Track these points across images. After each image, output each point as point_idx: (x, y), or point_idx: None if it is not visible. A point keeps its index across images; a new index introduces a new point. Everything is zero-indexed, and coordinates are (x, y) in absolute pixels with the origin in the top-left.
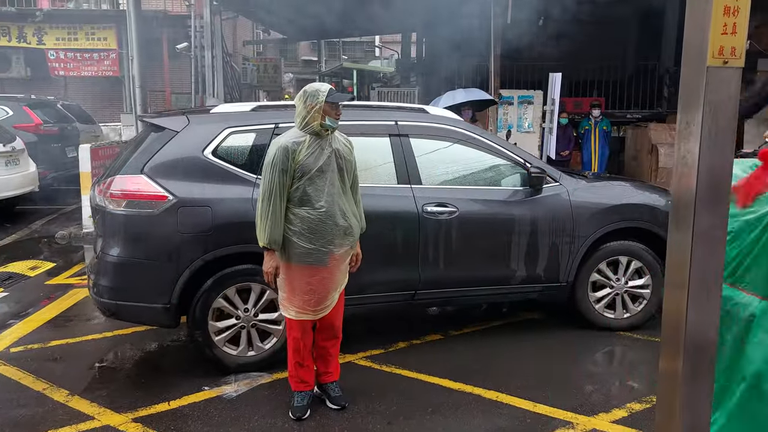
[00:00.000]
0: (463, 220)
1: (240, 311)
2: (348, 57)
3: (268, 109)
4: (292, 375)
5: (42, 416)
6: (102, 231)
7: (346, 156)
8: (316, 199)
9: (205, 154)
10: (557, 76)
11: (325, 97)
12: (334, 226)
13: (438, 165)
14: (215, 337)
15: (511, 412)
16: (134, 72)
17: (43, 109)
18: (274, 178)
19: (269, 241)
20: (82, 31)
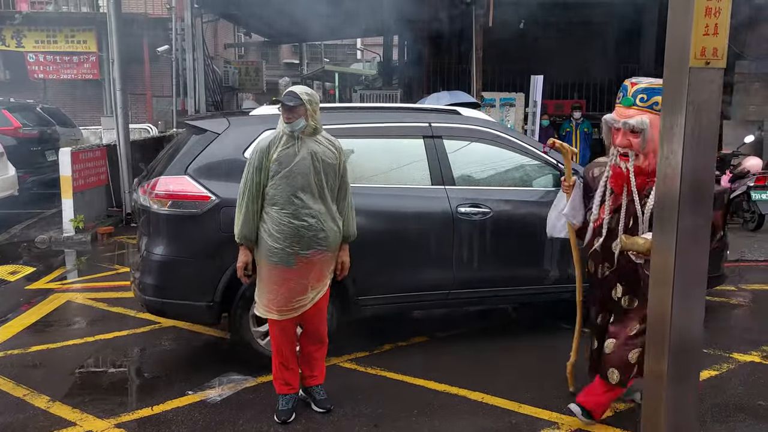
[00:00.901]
0: (496, 221)
1: None
2: (329, 60)
3: None
4: (276, 377)
5: (23, 422)
6: (147, 231)
7: (326, 159)
8: (285, 199)
9: (246, 155)
10: (539, 78)
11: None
12: (301, 228)
13: (471, 166)
14: (256, 334)
15: (496, 413)
16: (115, 75)
17: (23, 112)
18: (249, 175)
19: (240, 237)
20: (62, 34)
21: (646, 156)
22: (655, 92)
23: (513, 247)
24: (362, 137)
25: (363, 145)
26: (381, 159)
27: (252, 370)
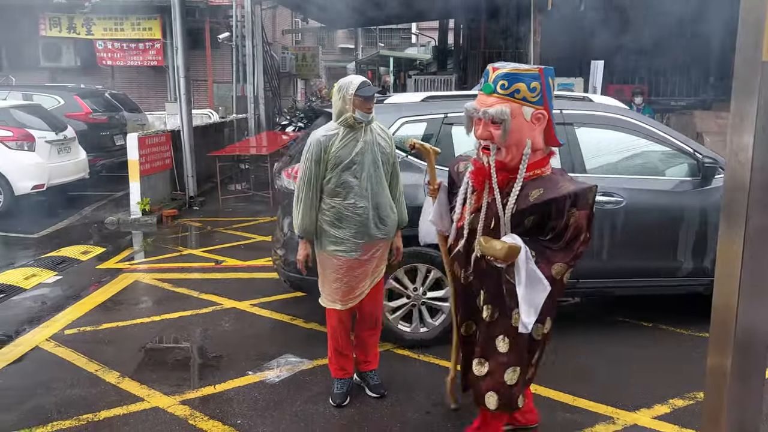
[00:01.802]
0: (629, 211)
1: (410, 291)
2: (384, 44)
3: (437, 100)
4: (331, 362)
5: (96, 397)
6: (289, 212)
7: (383, 149)
8: (348, 190)
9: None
10: (599, 63)
11: (354, 90)
12: (365, 217)
13: (603, 154)
14: (390, 315)
15: (550, 405)
16: (179, 62)
17: (93, 98)
18: (308, 168)
19: (301, 230)
20: (129, 22)
21: (509, 150)
22: (518, 78)
23: (645, 238)
24: None
25: None
26: None
27: (308, 353)
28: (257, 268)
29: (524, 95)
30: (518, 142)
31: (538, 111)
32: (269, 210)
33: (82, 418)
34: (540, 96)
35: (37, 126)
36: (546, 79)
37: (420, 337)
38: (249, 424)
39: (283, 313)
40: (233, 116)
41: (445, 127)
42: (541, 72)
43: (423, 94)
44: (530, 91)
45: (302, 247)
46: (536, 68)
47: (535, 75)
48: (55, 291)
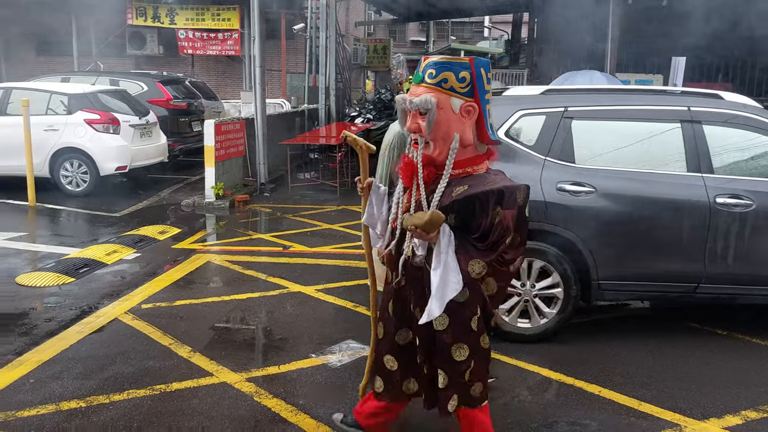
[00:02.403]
0: (759, 215)
1: (518, 288)
2: (456, 37)
3: (557, 93)
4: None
5: (169, 369)
6: None
7: None
8: None
9: (499, 134)
10: (681, 60)
11: None
12: None
13: (733, 154)
14: (506, 317)
15: (613, 408)
16: (255, 52)
17: (173, 85)
18: (392, 158)
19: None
20: (209, 12)
21: (436, 143)
22: (446, 67)
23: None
24: (618, 120)
25: (617, 128)
26: (635, 143)
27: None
28: (323, 255)
29: (452, 85)
30: (446, 135)
31: (467, 103)
32: (336, 199)
33: (156, 388)
34: (470, 87)
35: (122, 110)
36: (477, 71)
37: (543, 329)
38: (311, 405)
39: (346, 299)
40: (304, 106)
41: (565, 121)
42: (471, 62)
43: (542, 87)
44: (459, 81)
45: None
46: (467, 58)
47: (465, 64)
48: (133, 267)
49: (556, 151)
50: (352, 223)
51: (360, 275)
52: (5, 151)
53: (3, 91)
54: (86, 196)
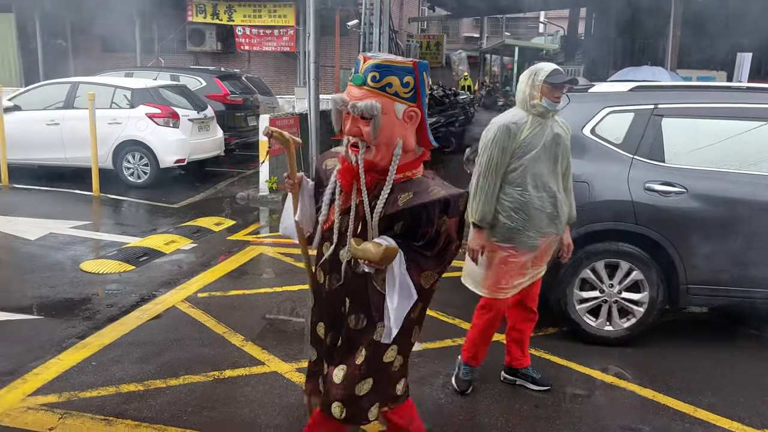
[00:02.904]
0: None
1: (605, 286)
2: (510, 33)
3: (646, 90)
4: (468, 348)
5: (223, 356)
6: None
7: (565, 141)
8: (530, 181)
9: (584, 132)
10: (746, 56)
11: (544, 76)
12: (543, 211)
13: None
14: (577, 305)
15: (668, 414)
16: (310, 48)
17: (230, 80)
18: (493, 155)
19: (480, 218)
20: (266, 9)
21: (378, 148)
22: (390, 71)
23: None
24: (710, 118)
25: (710, 127)
26: (729, 142)
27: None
28: None
29: (396, 90)
30: (389, 140)
31: (410, 108)
32: None
33: (209, 374)
34: (413, 92)
35: (181, 105)
36: (420, 74)
37: (626, 333)
38: None
39: None
40: None
41: (655, 118)
42: (415, 66)
43: (631, 84)
44: (403, 86)
45: (478, 236)
46: (410, 61)
47: (408, 69)
48: (190, 257)
49: (644, 149)
50: None
51: None
52: (73, 143)
53: (71, 86)
54: (146, 188)
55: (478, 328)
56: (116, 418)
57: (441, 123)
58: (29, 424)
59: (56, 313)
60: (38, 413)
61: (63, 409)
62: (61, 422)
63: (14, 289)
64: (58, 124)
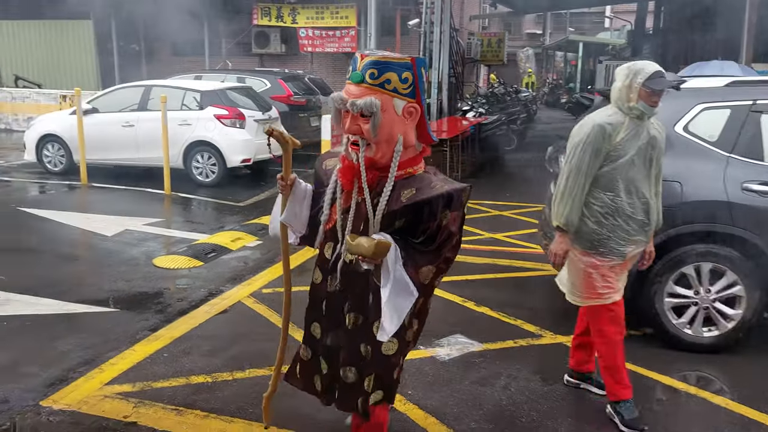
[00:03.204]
0: None
1: (701, 290)
2: (574, 29)
3: (743, 85)
4: (618, 381)
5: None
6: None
7: (660, 144)
8: (622, 186)
9: (676, 129)
10: None
11: (644, 79)
12: (634, 217)
13: None
14: (666, 309)
15: (743, 423)
16: (371, 48)
17: (294, 82)
18: (584, 157)
19: (565, 222)
20: (328, 11)
21: (379, 146)
22: (389, 67)
23: None
24: None
25: None
26: None
27: (478, 336)
28: None
29: (395, 86)
30: (389, 137)
31: (410, 104)
32: None
33: (274, 369)
34: (412, 88)
35: (247, 106)
36: (418, 70)
37: (691, 340)
38: (419, 396)
39: (454, 293)
40: None
41: (753, 115)
42: (413, 62)
43: (727, 79)
44: (402, 83)
45: (562, 240)
46: (408, 58)
47: (407, 65)
48: (255, 254)
49: (741, 147)
50: None
51: (469, 270)
52: (146, 144)
53: (144, 89)
54: (214, 186)
55: (607, 349)
56: (186, 408)
57: (502, 121)
58: (106, 411)
59: (131, 306)
60: (114, 402)
61: (137, 398)
62: (135, 411)
63: (93, 283)
64: (132, 126)
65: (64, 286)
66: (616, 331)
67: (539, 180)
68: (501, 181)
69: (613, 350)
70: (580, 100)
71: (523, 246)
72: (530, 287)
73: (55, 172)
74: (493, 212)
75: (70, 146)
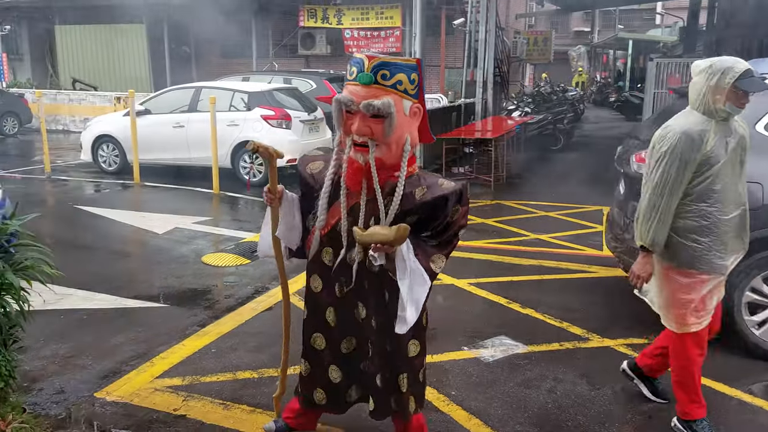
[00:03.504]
0: None
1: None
2: (624, 26)
3: None
4: (692, 399)
5: None
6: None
7: (747, 143)
8: (718, 196)
9: (757, 128)
10: None
11: (734, 79)
12: (732, 226)
13: None
14: (756, 331)
15: None
16: (416, 48)
17: (339, 82)
18: (671, 171)
19: (651, 242)
20: (373, 12)
21: (389, 146)
22: (399, 68)
23: None
24: None
25: None
26: None
27: (524, 338)
28: (475, 249)
29: (405, 87)
30: (399, 138)
31: (415, 105)
32: (490, 193)
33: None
34: (417, 89)
35: (293, 107)
36: (423, 71)
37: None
38: (462, 397)
39: (499, 294)
40: (461, 100)
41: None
42: (418, 63)
43: None
44: (410, 83)
45: (645, 261)
46: (413, 59)
47: (413, 66)
48: None
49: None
50: (506, 218)
51: (515, 271)
52: (196, 144)
53: (194, 90)
54: (261, 186)
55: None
56: (233, 402)
57: (548, 120)
58: (156, 404)
59: (180, 302)
60: (164, 395)
61: (186, 392)
62: (185, 404)
63: (144, 279)
64: (183, 127)
65: (117, 282)
66: (698, 353)
67: (586, 180)
68: (547, 182)
69: (690, 370)
70: (630, 99)
71: (569, 247)
72: (576, 289)
73: (110, 172)
74: (538, 213)
75: (124, 146)
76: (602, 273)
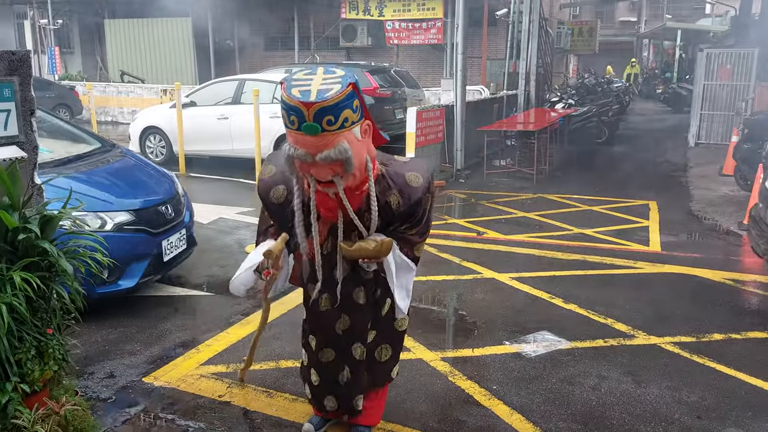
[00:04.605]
0: None
1: None
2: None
3: None
4: None
5: None
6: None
7: None
8: None
9: None
10: None
11: None
12: None
13: None
14: None
15: None
16: (458, 39)
17: (380, 74)
18: None
19: None
20: (415, 3)
21: (353, 174)
22: (341, 106)
23: None
24: None
25: None
26: None
27: (566, 334)
28: (517, 243)
29: (352, 120)
30: (360, 163)
31: (364, 123)
32: (532, 187)
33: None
34: (360, 109)
35: None
36: (359, 89)
37: None
38: (504, 392)
39: (541, 289)
40: (503, 92)
41: None
42: (354, 87)
43: None
44: (354, 112)
45: None
46: (348, 85)
47: (352, 94)
48: None
49: None
50: (548, 212)
51: (557, 266)
52: (240, 136)
53: (238, 83)
54: None
55: None
56: (276, 391)
57: (592, 113)
58: (202, 390)
59: (224, 290)
60: (209, 381)
61: (230, 379)
62: (229, 391)
63: (191, 268)
64: (227, 119)
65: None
66: None
67: (631, 174)
68: (590, 175)
69: None
70: (678, 91)
71: (614, 242)
72: (621, 285)
73: (157, 162)
74: (581, 207)
75: (170, 138)
76: (648, 269)
